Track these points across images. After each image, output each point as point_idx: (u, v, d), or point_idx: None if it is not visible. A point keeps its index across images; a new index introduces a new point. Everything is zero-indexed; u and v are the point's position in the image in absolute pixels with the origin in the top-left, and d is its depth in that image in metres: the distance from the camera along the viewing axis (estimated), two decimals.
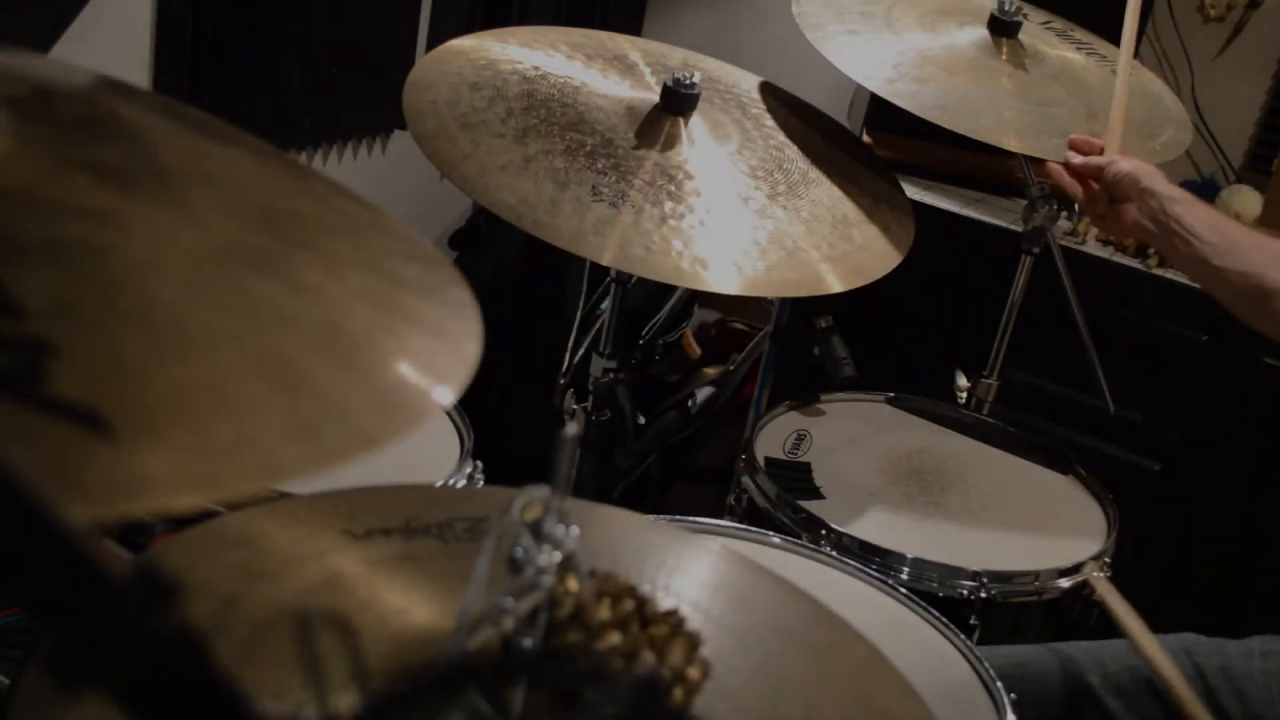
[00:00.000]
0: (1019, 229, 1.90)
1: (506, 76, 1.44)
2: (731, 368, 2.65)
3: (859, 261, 1.43)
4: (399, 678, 0.72)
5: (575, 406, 1.64)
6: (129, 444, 0.50)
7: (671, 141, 1.42)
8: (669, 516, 1.43)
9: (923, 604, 1.36)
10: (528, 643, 0.67)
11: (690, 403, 2.59)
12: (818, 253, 1.40)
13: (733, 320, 2.89)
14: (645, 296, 2.55)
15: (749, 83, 1.65)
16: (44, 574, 0.43)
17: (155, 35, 1.98)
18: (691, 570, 0.92)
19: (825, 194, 1.49)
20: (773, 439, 1.76)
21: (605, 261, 1.28)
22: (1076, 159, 1.53)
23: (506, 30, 1.56)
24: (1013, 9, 1.70)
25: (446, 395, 0.62)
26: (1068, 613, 1.60)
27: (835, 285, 1.40)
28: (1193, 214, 1.44)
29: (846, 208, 1.49)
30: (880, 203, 1.53)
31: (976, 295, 2.07)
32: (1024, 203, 1.87)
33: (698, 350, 2.68)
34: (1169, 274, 2.30)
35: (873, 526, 1.58)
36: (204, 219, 0.65)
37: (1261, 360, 2.17)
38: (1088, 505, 1.75)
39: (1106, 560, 1.61)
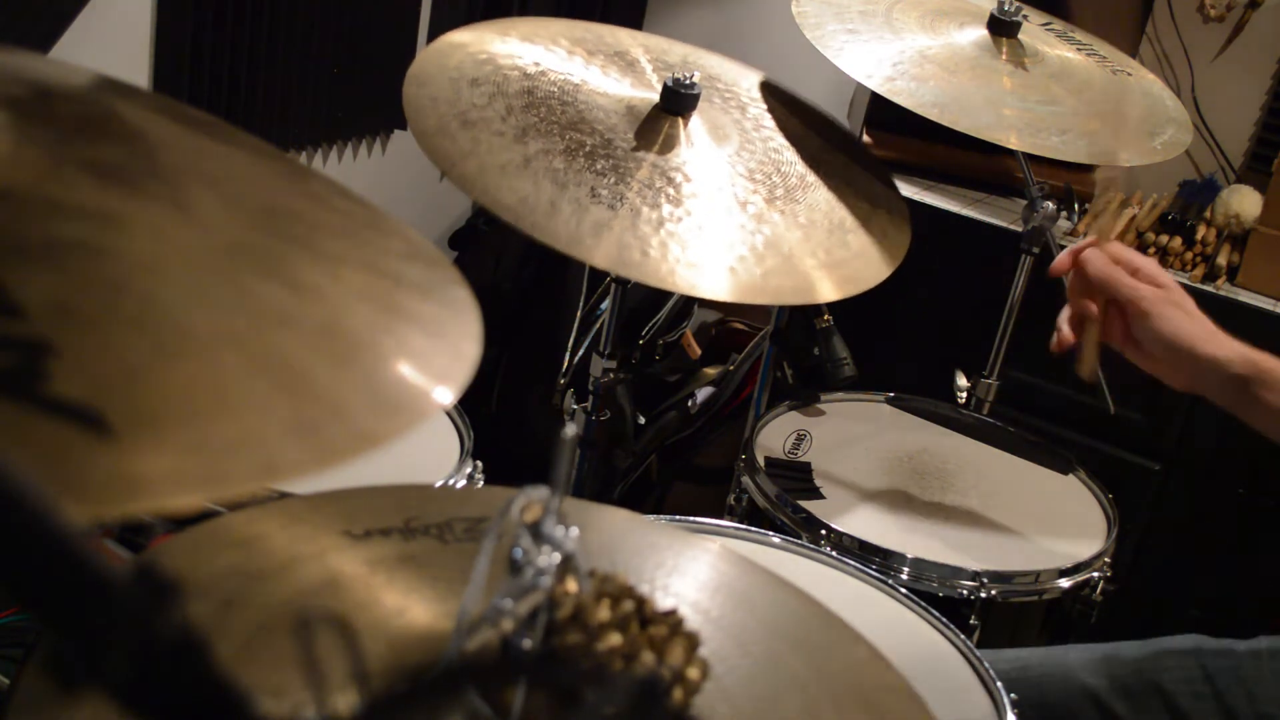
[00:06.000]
0: (1019, 229, 1.90)
1: (507, 73, 1.44)
2: (731, 368, 2.65)
3: (854, 269, 1.43)
4: (399, 678, 0.72)
5: (575, 406, 1.63)
6: (129, 444, 0.50)
7: (670, 143, 1.42)
8: (669, 516, 1.43)
9: (923, 604, 1.36)
10: (527, 643, 0.67)
11: (690, 403, 2.59)
12: (814, 259, 1.40)
13: (733, 320, 2.89)
14: (645, 296, 2.55)
15: (749, 80, 1.65)
16: (44, 574, 0.43)
17: (155, 35, 1.98)
18: (691, 570, 0.92)
19: (822, 198, 1.49)
20: (773, 439, 1.76)
21: (602, 266, 1.28)
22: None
23: (507, 22, 1.55)
24: (1013, 9, 1.70)
25: (446, 395, 0.62)
26: (1068, 613, 1.60)
27: (829, 294, 1.39)
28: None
29: (843, 213, 1.48)
30: (878, 208, 1.53)
31: (976, 295, 2.07)
32: (1024, 203, 1.87)
33: (698, 350, 2.68)
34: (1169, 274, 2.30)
35: (873, 526, 1.58)
36: (204, 219, 0.65)
37: None
38: (1088, 505, 1.75)
39: (1106, 560, 1.61)
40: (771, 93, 1.64)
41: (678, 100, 1.44)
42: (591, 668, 0.67)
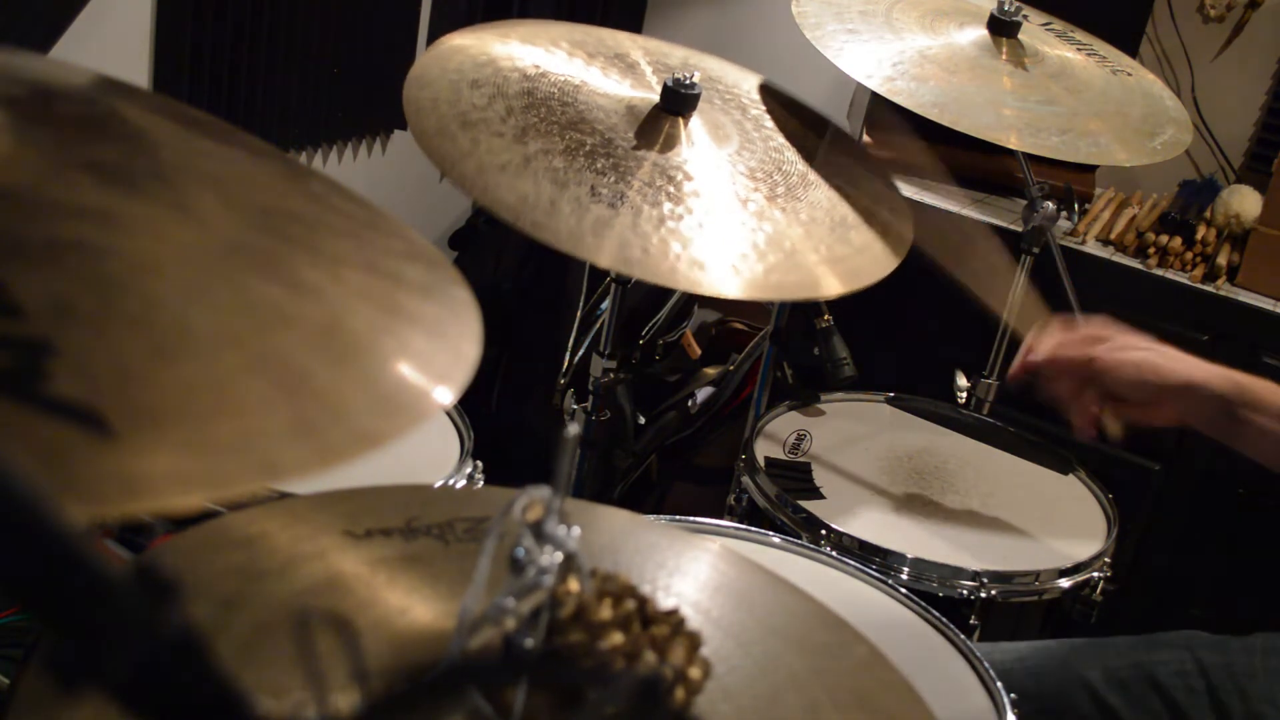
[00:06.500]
0: (1019, 229, 1.90)
1: (507, 74, 1.44)
2: (731, 368, 2.65)
3: (857, 265, 1.43)
4: (399, 678, 0.72)
5: (575, 406, 1.63)
6: (129, 444, 0.50)
7: (671, 142, 1.42)
8: (669, 516, 1.43)
9: (923, 604, 1.36)
10: (529, 643, 0.67)
11: (690, 403, 2.59)
12: (816, 255, 1.40)
13: (733, 320, 2.89)
14: (645, 296, 2.55)
15: (749, 83, 1.65)
16: (44, 574, 0.43)
17: (155, 35, 1.98)
18: (691, 570, 0.92)
19: (824, 196, 1.49)
20: (773, 439, 1.76)
21: (603, 264, 1.28)
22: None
23: (507, 25, 1.55)
24: (1013, 9, 1.70)
25: (446, 395, 0.62)
26: (1068, 613, 1.60)
27: (833, 289, 1.39)
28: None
29: (845, 210, 1.48)
30: (879, 205, 1.53)
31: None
32: (1024, 203, 1.87)
33: (698, 350, 2.68)
34: (1169, 274, 2.30)
35: (873, 526, 1.58)
36: (204, 219, 0.65)
37: (1261, 360, 2.17)
38: (1088, 505, 1.75)
39: (1106, 560, 1.61)
40: (771, 95, 1.64)
41: (678, 100, 1.44)
42: (593, 667, 0.67)
